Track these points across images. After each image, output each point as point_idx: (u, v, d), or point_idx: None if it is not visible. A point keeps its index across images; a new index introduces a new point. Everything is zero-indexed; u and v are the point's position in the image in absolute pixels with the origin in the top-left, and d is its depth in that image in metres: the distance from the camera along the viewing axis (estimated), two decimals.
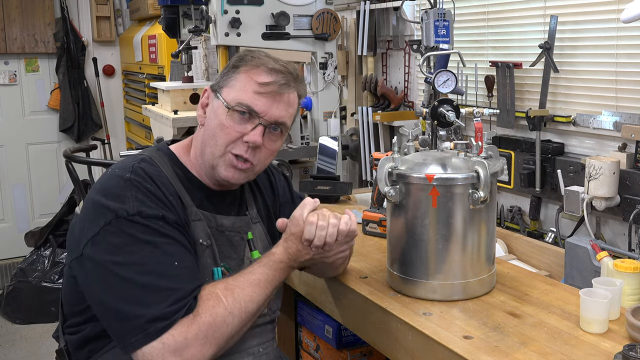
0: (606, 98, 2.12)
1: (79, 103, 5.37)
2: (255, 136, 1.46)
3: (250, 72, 1.48)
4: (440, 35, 2.11)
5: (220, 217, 1.53)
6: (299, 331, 2.40)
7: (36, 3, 5.27)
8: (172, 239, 1.35)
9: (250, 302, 1.36)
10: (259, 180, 1.71)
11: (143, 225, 1.32)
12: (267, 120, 1.48)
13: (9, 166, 5.32)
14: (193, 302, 1.30)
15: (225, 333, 1.32)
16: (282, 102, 1.49)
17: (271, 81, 1.47)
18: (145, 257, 1.30)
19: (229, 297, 1.33)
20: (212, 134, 1.48)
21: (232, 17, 2.80)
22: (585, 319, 1.40)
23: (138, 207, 1.34)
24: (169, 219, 1.36)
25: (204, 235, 1.48)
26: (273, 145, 1.53)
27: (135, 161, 1.45)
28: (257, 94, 1.47)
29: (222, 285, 1.36)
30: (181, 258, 1.34)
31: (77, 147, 4.51)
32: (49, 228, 4.43)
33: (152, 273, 1.29)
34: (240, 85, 1.48)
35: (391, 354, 1.54)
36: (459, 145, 1.64)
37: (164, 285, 1.28)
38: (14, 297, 4.23)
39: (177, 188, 1.46)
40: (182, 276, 1.31)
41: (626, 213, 1.97)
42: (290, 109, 1.52)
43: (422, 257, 1.57)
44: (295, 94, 1.54)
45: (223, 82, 1.51)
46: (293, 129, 2.92)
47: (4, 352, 3.84)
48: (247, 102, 1.46)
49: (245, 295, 1.36)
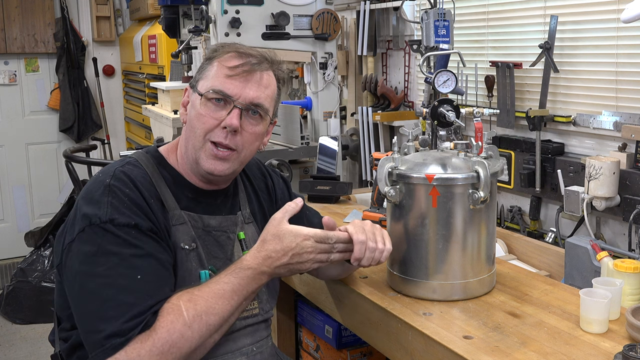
0: (606, 98, 2.12)
1: (79, 103, 5.38)
2: (232, 119, 1.44)
3: (221, 59, 1.48)
4: (440, 35, 2.11)
5: (207, 217, 1.51)
6: (299, 331, 2.40)
7: (36, 3, 5.27)
8: (140, 249, 1.32)
9: (212, 315, 1.30)
10: (255, 181, 1.69)
11: (113, 234, 1.31)
12: (242, 103, 1.45)
13: (9, 166, 5.33)
14: (151, 317, 1.26)
15: (183, 348, 1.27)
16: (255, 82, 1.47)
17: (241, 62, 1.46)
18: (110, 269, 1.29)
19: (190, 310, 1.28)
20: (191, 127, 1.48)
21: (232, 17, 2.80)
22: (585, 319, 1.40)
23: (111, 214, 1.33)
24: (142, 226, 1.34)
25: (188, 238, 1.46)
26: (254, 129, 1.49)
27: (119, 165, 1.45)
28: (228, 78, 1.45)
29: (187, 296, 1.31)
30: (146, 271, 1.31)
31: (77, 147, 4.52)
32: (49, 228, 4.43)
33: (114, 286, 1.27)
34: (213, 73, 1.48)
35: (391, 354, 1.54)
36: (459, 145, 1.64)
37: (124, 300, 1.26)
38: (14, 297, 4.23)
39: (161, 191, 1.45)
40: (143, 291, 1.28)
41: (626, 213, 1.97)
42: (267, 90, 1.49)
43: (422, 257, 1.57)
44: (271, 74, 1.51)
45: (198, 76, 1.51)
46: (293, 129, 2.92)
47: (4, 352, 3.84)
48: (218, 87, 1.45)
49: (208, 307, 1.30)
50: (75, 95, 5.36)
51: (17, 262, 4.66)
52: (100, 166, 3.77)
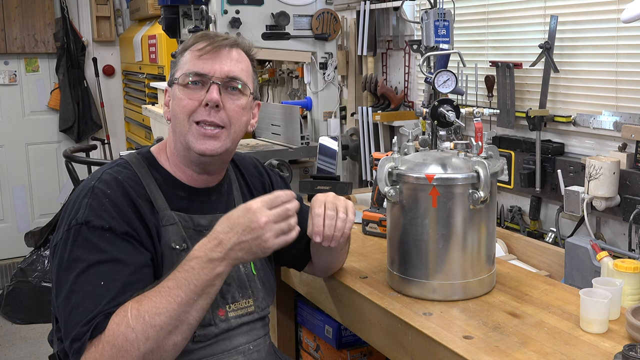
0: (606, 98, 2.12)
1: (79, 103, 5.38)
2: (211, 94, 1.43)
3: (191, 48, 1.50)
4: (440, 35, 2.11)
5: (197, 217, 1.50)
6: (299, 331, 2.40)
7: (36, 3, 5.27)
8: (107, 254, 1.31)
9: (156, 315, 1.23)
10: (250, 179, 1.69)
11: (85, 238, 1.32)
12: (219, 77, 1.45)
13: (9, 166, 5.33)
14: (102, 321, 1.23)
15: (131, 351, 1.21)
16: (226, 57, 1.48)
17: (209, 42, 1.47)
18: (78, 276, 1.29)
19: (133, 311, 1.23)
20: (175, 115, 1.48)
21: (232, 17, 2.80)
22: (585, 319, 1.40)
23: (87, 216, 1.33)
24: (117, 230, 1.34)
25: (179, 238, 1.45)
26: (236, 102, 1.48)
27: (108, 167, 1.46)
28: (198, 59, 1.46)
29: (137, 297, 1.27)
30: (111, 277, 1.29)
31: (77, 147, 4.52)
32: (49, 228, 4.43)
33: (81, 293, 1.28)
34: (185, 61, 1.49)
35: (391, 354, 1.54)
36: (459, 145, 1.64)
37: (87, 306, 1.26)
38: (14, 297, 4.23)
39: (151, 191, 1.45)
40: (104, 296, 1.27)
41: (626, 213, 1.97)
42: (240, 64, 1.50)
43: (422, 257, 1.57)
44: (240, 50, 1.52)
45: (173, 70, 1.52)
46: (293, 129, 2.92)
47: (4, 352, 3.84)
48: (192, 70, 1.45)
49: (151, 307, 1.23)
50: (75, 95, 5.36)
51: (17, 262, 4.67)
52: (100, 166, 3.79)
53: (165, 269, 1.41)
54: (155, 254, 1.41)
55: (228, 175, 1.62)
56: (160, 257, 1.42)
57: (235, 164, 1.68)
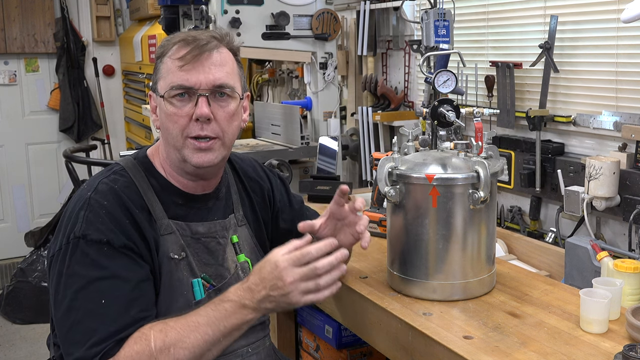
0: (606, 98, 2.12)
1: (78, 103, 5.37)
2: (201, 109, 1.39)
3: (170, 54, 1.44)
4: (440, 35, 2.11)
5: (195, 225, 1.48)
6: (299, 331, 2.40)
7: (36, 3, 5.27)
8: (107, 270, 1.30)
9: (182, 349, 1.24)
10: (248, 183, 1.66)
11: (83, 253, 1.30)
12: (205, 89, 1.40)
13: (9, 166, 5.32)
14: (114, 346, 1.23)
15: None
16: (210, 64, 1.41)
17: (189, 49, 1.40)
18: (77, 292, 1.28)
19: (158, 341, 1.24)
20: (166, 129, 1.44)
21: (232, 17, 2.80)
22: (585, 319, 1.40)
23: (85, 229, 1.32)
24: (115, 243, 1.32)
25: (177, 247, 1.43)
26: (226, 109, 1.44)
27: (104, 176, 1.43)
28: (181, 70, 1.40)
29: (160, 326, 1.27)
30: (113, 294, 1.28)
31: (77, 147, 4.52)
32: (49, 228, 4.43)
33: (81, 310, 1.26)
34: (166, 70, 1.43)
35: (391, 354, 1.54)
36: (459, 145, 1.64)
37: (89, 324, 1.25)
38: (14, 297, 4.23)
39: (149, 200, 1.42)
40: (107, 315, 1.26)
41: (626, 213, 1.97)
42: (224, 67, 1.43)
43: (422, 257, 1.57)
44: (225, 50, 1.46)
45: (155, 77, 1.48)
46: (293, 129, 2.93)
47: (3, 352, 3.84)
48: (176, 83, 1.40)
49: (178, 340, 1.24)
50: (75, 95, 5.36)
51: (17, 262, 4.66)
52: (100, 166, 3.78)
53: (164, 279, 1.40)
54: (154, 264, 1.40)
55: (226, 178, 1.60)
56: (159, 267, 1.40)
57: (233, 166, 1.66)
